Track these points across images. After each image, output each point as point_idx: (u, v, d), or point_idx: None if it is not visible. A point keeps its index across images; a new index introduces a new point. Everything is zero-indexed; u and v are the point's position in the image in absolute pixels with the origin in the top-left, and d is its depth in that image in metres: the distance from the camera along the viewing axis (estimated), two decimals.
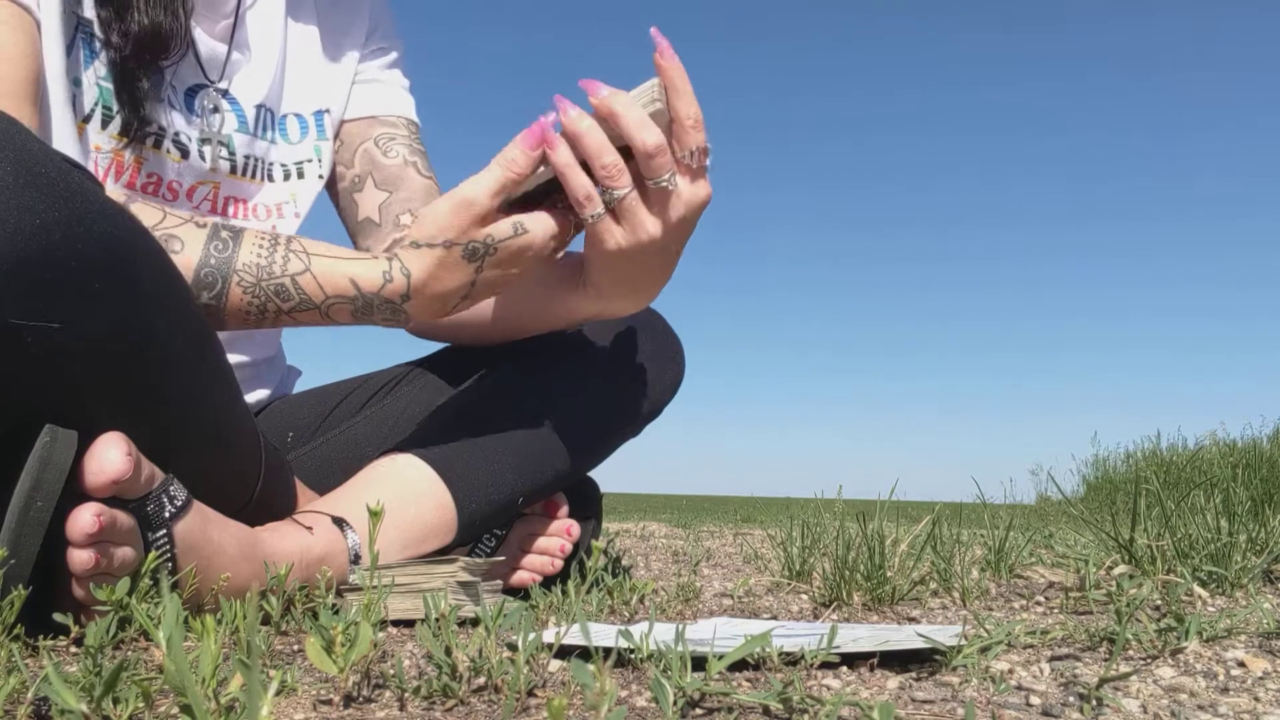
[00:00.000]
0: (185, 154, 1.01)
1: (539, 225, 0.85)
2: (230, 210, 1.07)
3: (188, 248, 0.84)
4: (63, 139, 0.91)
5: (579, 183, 0.83)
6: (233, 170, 1.06)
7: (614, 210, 0.84)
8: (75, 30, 0.92)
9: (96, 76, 0.93)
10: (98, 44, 0.93)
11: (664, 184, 0.83)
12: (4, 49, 0.84)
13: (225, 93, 1.05)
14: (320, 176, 1.14)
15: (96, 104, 0.93)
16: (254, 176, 1.09)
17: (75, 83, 0.92)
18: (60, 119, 0.90)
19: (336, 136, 1.16)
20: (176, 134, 1.00)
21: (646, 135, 0.81)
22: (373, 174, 1.15)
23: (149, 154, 0.99)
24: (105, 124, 0.94)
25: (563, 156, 0.83)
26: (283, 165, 1.11)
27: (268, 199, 1.10)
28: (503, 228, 0.84)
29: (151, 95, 0.96)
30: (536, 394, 1.07)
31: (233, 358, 0.98)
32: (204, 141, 1.03)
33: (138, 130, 0.95)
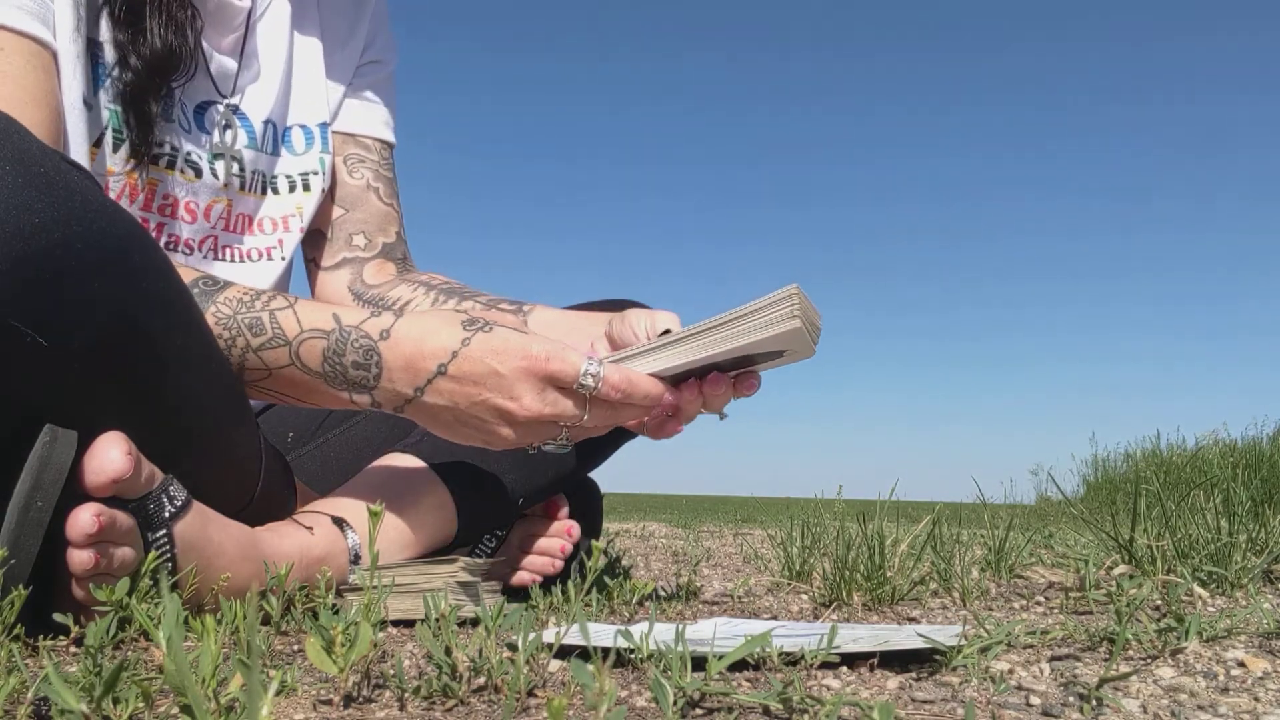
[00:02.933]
0: (199, 173, 1.01)
1: (512, 334, 0.81)
2: (239, 227, 1.07)
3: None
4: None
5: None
6: (241, 186, 1.06)
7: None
8: (89, 54, 0.90)
9: (107, 100, 0.92)
10: (106, 66, 0.91)
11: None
12: (29, 90, 0.82)
13: (236, 109, 1.04)
14: (323, 190, 1.13)
15: (107, 127, 0.92)
16: (259, 191, 1.08)
17: (88, 107, 0.90)
18: (77, 148, 0.89)
19: None
20: (189, 153, 1.00)
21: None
22: (334, 189, 1.15)
23: (162, 175, 0.98)
24: (116, 147, 0.93)
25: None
26: (288, 177, 1.11)
27: (273, 212, 1.10)
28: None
29: (161, 117, 0.95)
30: None
31: None
32: (216, 157, 1.02)
33: (147, 153, 0.94)
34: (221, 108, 1.03)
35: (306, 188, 1.12)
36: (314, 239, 1.16)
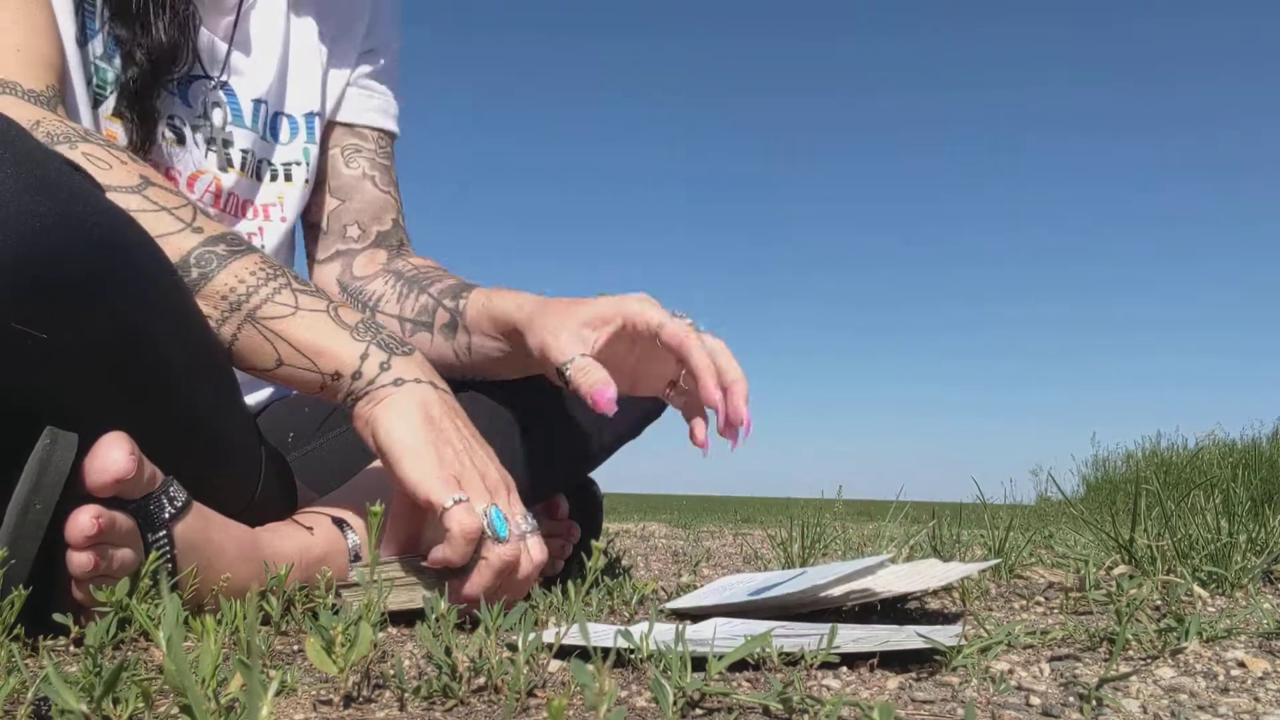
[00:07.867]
0: (181, 139, 1.01)
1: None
2: (232, 209, 1.07)
3: (202, 223, 0.84)
4: (83, 116, 0.93)
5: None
6: (242, 167, 1.07)
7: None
8: (79, 6, 0.92)
9: (94, 54, 0.93)
10: (98, 21, 0.93)
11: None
12: (35, 23, 0.85)
13: (224, 85, 1.05)
14: (306, 181, 1.14)
15: (90, 83, 0.93)
16: (255, 176, 1.09)
17: (80, 47, 0.92)
18: (78, 88, 0.92)
19: None
20: (171, 117, 1.00)
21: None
22: (329, 180, 1.16)
23: None
24: (98, 103, 0.94)
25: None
26: (271, 166, 1.11)
27: (260, 199, 1.10)
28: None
29: (162, 112, 0.97)
30: (536, 395, 1.07)
31: None
32: (208, 141, 1.03)
33: (148, 149, 0.96)
34: (210, 84, 1.04)
35: (288, 178, 1.12)
36: (312, 234, 1.16)
